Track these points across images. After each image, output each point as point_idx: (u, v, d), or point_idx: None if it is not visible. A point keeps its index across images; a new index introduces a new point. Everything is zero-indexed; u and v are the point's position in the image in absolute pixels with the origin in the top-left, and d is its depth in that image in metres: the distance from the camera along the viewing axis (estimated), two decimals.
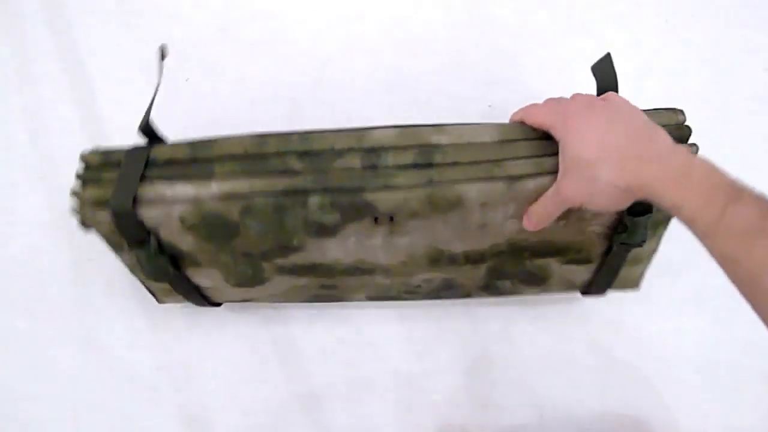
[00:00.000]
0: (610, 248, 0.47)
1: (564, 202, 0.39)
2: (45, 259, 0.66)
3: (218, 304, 0.59)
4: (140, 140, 0.49)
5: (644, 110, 0.40)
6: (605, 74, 0.42)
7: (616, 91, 0.42)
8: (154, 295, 0.56)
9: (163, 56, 0.52)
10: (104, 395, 0.63)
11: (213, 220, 0.44)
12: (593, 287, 0.54)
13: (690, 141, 0.42)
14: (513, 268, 0.50)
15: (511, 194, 0.41)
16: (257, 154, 0.43)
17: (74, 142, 0.69)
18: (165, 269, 0.48)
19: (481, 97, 0.65)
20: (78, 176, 0.46)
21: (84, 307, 0.65)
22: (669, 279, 0.59)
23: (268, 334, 0.63)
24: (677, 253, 0.53)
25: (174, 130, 0.69)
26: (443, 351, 0.61)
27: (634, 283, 0.54)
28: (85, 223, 0.46)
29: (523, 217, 0.43)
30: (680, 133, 0.42)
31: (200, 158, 0.44)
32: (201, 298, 0.55)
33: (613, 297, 0.59)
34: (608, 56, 0.43)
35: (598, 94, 0.42)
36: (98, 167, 0.46)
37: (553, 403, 0.59)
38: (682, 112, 0.43)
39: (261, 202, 0.43)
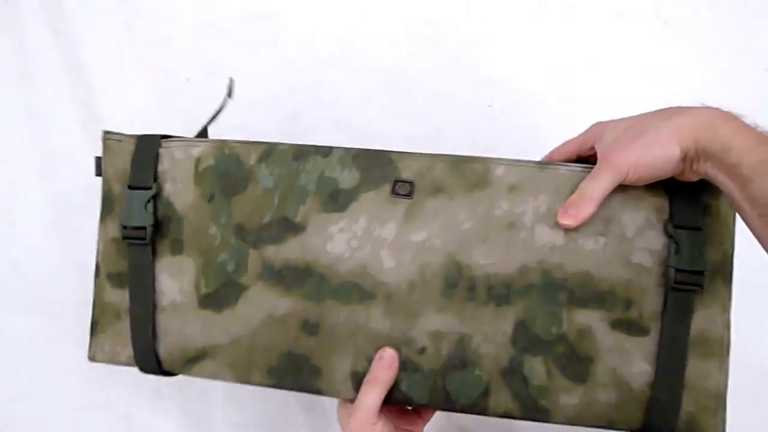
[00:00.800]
0: (666, 304, 0.39)
1: (610, 169, 0.37)
2: (45, 259, 0.66)
3: (166, 373, 0.45)
4: None
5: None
6: None
7: None
8: (93, 329, 0.47)
9: (230, 93, 0.53)
10: (104, 395, 0.63)
11: (227, 164, 0.43)
12: (656, 406, 0.38)
13: None
14: (547, 324, 0.39)
15: (542, 178, 0.40)
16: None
17: (74, 142, 0.69)
18: (146, 237, 0.43)
19: (481, 97, 0.65)
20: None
21: (84, 307, 0.64)
22: None
23: None
24: None
25: (174, 130, 0.69)
26: None
27: (712, 416, 0.39)
28: (102, 158, 0.47)
29: (558, 215, 0.39)
30: None
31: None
32: (149, 338, 0.44)
33: None
34: None
35: None
36: None
37: None
38: None
39: (283, 147, 0.43)
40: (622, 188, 0.38)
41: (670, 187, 0.39)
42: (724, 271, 0.40)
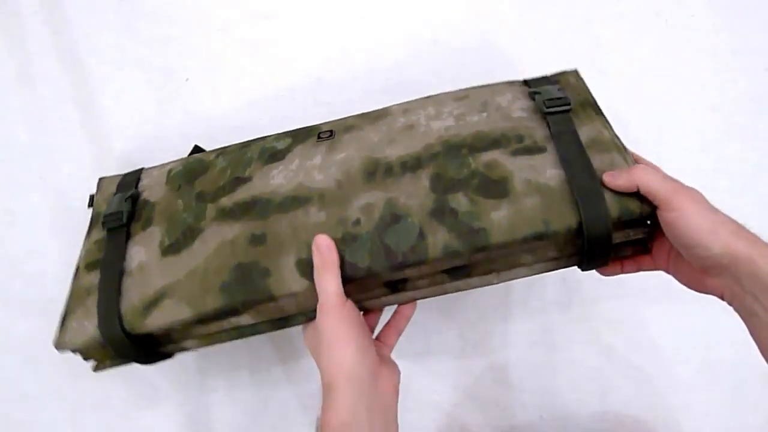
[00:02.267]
0: (550, 126, 0.45)
1: (666, 187, 0.38)
2: (45, 259, 0.66)
3: (127, 334, 0.45)
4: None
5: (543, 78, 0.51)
6: None
7: None
8: (64, 319, 0.47)
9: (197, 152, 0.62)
10: (104, 395, 0.64)
11: (192, 165, 0.53)
12: (581, 195, 0.40)
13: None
14: (458, 170, 0.44)
15: (427, 100, 0.51)
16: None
17: (74, 142, 0.69)
18: (122, 219, 0.50)
19: None
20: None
21: None
22: (669, 279, 0.59)
23: (267, 334, 0.63)
24: None
25: (174, 129, 0.69)
26: (443, 351, 0.61)
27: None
28: (95, 195, 0.55)
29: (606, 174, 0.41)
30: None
31: None
32: (114, 297, 0.46)
33: (614, 295, 0.59)
34: None
35: None
36: None
37: (553, 403, 0.59)
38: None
39: (234, 145, 0.54)
40: (489, 87, 0.50)
41: (526, 82, 0.50)
42: (591, 106, 0.47)
